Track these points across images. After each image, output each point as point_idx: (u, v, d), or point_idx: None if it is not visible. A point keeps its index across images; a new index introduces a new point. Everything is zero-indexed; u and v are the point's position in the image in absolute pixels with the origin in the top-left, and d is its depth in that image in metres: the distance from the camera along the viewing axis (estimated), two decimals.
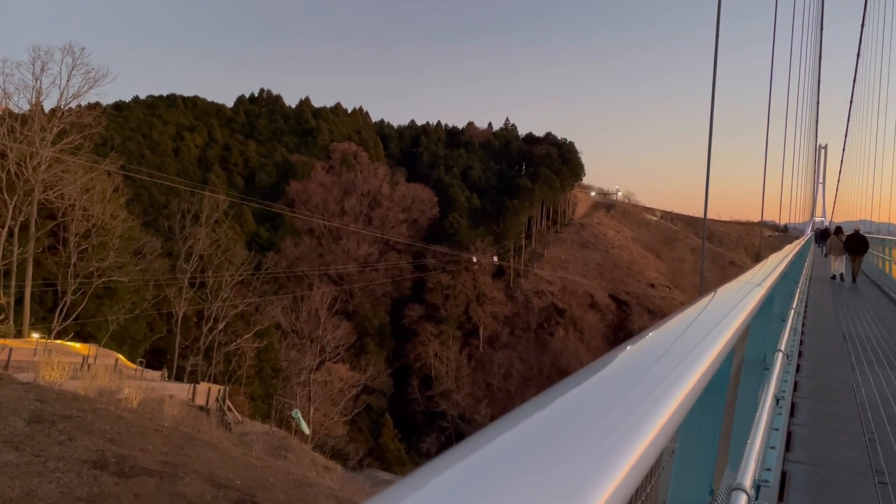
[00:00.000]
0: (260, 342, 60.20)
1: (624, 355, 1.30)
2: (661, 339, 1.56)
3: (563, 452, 0.71)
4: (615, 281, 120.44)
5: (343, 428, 62.65)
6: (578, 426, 0.82)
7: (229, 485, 16.94)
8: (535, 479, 0.62)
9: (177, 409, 26.14)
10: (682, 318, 1.93)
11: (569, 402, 0.91)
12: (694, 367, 1.35)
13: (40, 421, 17.04)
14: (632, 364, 1.27)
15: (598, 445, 0.76)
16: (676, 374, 1.24)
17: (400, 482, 0.59)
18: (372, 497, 0.57)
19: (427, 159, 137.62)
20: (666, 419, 0.98)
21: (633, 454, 0.78)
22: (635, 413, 0.93)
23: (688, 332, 1.71)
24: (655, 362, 1.28)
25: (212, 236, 59.99)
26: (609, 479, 0.68)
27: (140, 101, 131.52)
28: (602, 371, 1.13)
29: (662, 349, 1.44)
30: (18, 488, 13.90)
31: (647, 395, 1.03)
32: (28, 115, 48.96)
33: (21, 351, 29.64)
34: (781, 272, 5.82)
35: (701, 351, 1.50)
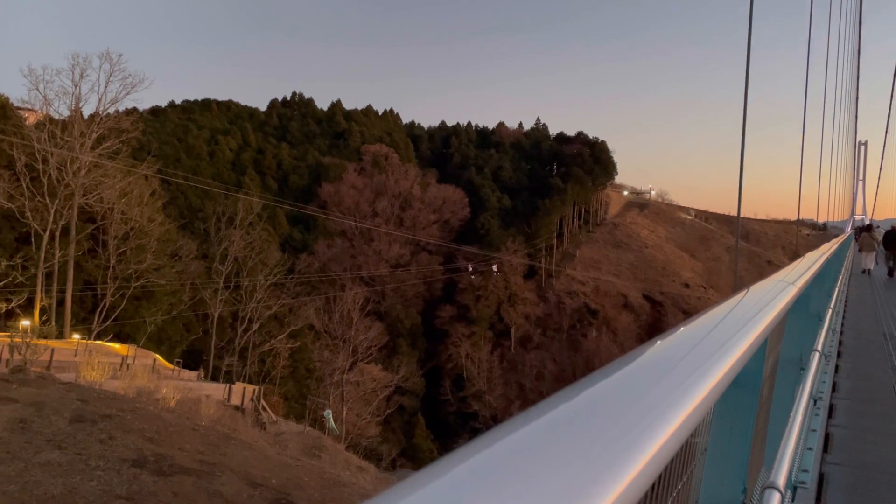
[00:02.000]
0: (293, 343, 60.84)
1: (652, 350, 1.32)
2: (690, 335, 1.56)
3: (583, 445, 0.72)
4: (649, 281, 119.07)
5: (376, 428, 62.99)
6: (601, 419, 0.83)
7: (265, 484, 17.16)
8: (550, 473, 0.63)
9: (213, 408, 26.56)
10: (712, 315, 1.93)
11: (594, 394, 0.93)
12: (720, 363, 1.35)
13: (82, 420, 17.46)
14: (659, 359, 1.28)
15: (617, 439, 0.77)
16: (703, 369, 1.24)
17: (421, 473, 0.61)
18: (404, 482, 0.59)
19: (458, 160, 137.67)
20: (687, 414, 0.98)
21: (651, 448, 0.79)
22: (658, 407, 0.93)
23: (717, 328, 1.71)
24: (683, 358, 1.29)
25: (246, 238, 60.81)
26: (624, 473, 0.69)
27: (176, 106, 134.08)
28: (629, 365, 1.14)
29: (690, 345, 1.44)
30: (61, 486, 14.27)
31: (672, 390, 1.04)
32: (68, 121, 50.16)
33: (62, 351, 30.41)
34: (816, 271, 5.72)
35: (728, 348, 1.50)
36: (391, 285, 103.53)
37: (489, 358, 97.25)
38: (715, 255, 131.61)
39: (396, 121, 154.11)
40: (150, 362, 36.25)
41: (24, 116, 53.27)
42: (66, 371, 24.37)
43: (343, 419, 54.61)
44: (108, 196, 48.55)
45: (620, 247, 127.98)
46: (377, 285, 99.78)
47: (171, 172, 75.95)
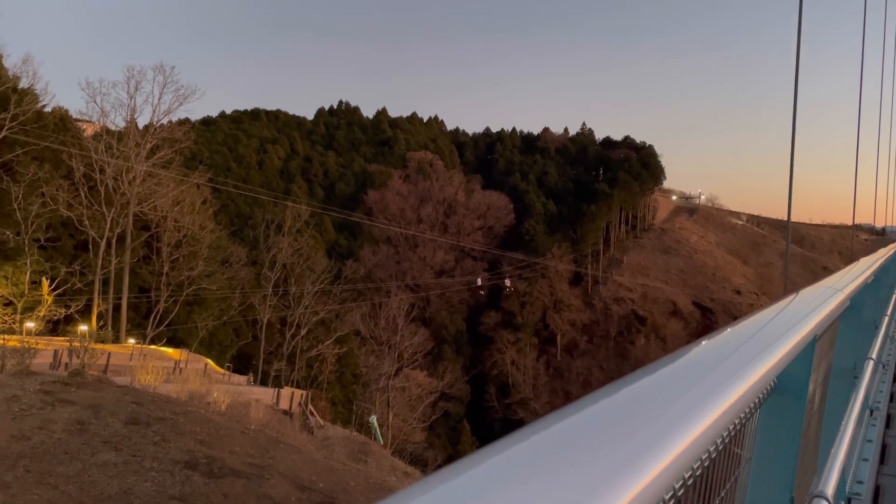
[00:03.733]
0: (340, 348, 61.47)
1: (695, 351, 1.32)
2: (733, 337, 1.56)
3: (615, 443, 0.73)
4: (699, 287, 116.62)
5: (421, 434, 63.11)
6: (636, 417, 0.83)
7: (313, 487, 17.37)
8: (579, 470, 0.64)
9: (262, 412, 27.01)
10: (757, 319, 1.92)
11: (633, 392, 0.94)
12: (758, 366, 1.33)
13: (137, 422, 17.98)
14: (701, 359, 1.28)
15: (649, 437, 0.77)
16: (742, 371, 1.22)
17: (446, 469, 0.61)
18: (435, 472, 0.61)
19: (502, 166, 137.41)
20: (721, 412, 0.98)
21: (682, 447, 0.79)
22: (695, 407, 0.93)
23: (761, 332, 1.69)
24: (724, 359, 1.29)
25: (294, 245, 61.76)
26: (653, 472, 0.69)
27: (226, 116, 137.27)
28: (670, 365, 1.15)
29: (733, 347, 1.43)
30: (117, 486, 14.71)
31: (710, 390, 1.04)
32: (124, 132, 51.82)
33: (118, 355, 31.36)
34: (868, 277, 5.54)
35: (769, 351, 1.49)
36: (436, 291, 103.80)
37: (535, 365, 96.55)
38: (767, 260, 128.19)
39: (441, 127, 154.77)
40: (201, 367, 37.07)
41: (82, 128, 55.23)
42: (121, 375, 25.10)
43: (389, 424, 54.90)
44: (161, 204, 49.92)
45: (669, 253, 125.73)
46: (422, 291, 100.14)
47: (222, 181, 77.73)
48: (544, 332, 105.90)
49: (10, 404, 17.19)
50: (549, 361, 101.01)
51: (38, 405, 17.61)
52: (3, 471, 14.14)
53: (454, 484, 0.57)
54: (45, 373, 21.22)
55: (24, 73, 46.41)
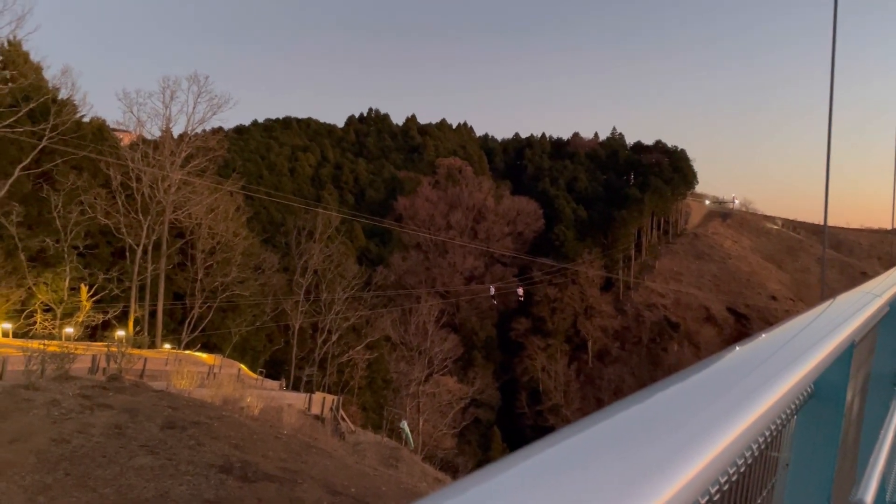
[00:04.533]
0: (371, 354, 61.76)
1: (730, 356, 1.32)
2: (769, 342, 1.55)
3: (646, 447, 0.73)
4: (733, 293, 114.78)
5: (452, 440, 63.06)
6: (669, 421, 0.83)
7: (344, 492, 17.46)
8: (606, 475, 0.64)
9: (294, 417, 27.26)
10: (793, 324, 1.91)
11: (665, 397, 0.94)
12: (794, 371, 1.32)
13: (173, 426, 18.28)
14: (735, 365, 1.29)
15: (681, 442, 0.77)
16: (777, 376, 1.22)
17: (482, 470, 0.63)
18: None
19: (532, 171, 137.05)
20: (755, 418, 0.98)
21: (714, 452, 0.78)
22: (728, 412, 0.93)
23: (797, 338, 1.68)
24: (759, 364, 1.29)
25: (325, 252, 62.29)
26: (683, 477, 0.69)
27: (258, 125, 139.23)
28: (704, 371, 1.15)
29: (768, 352, 1.43)
30: (153, 490, 14.96)
31: (745, 395, 1.04)
32: (159, 142, 52.83)
33: (154, 361, 31.91)
34: None
35: (804, 357, 1.48)
36: (466, 297, 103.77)
37: (566, 371, 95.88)
38: (804, 266, 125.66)
39: (470, 134, 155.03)
40: (235, 372, 37.54)
41: (119, 138, 56.45)
42: (157, 379, 25.55)
43: (419, 430, 54.95)
44: (196, 212, 50.74)
45: (702, 258, 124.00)
46: (452, 297, 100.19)
47: (255, 188, 78.80)
48: (575, 338, 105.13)
49: (51, 408, 17.61)
50: (580, 368, 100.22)
51: (77, 409, 18.01)
52: (44, 474, 14.49)
53: (485, 487, 0.58)
54: (84, 377, 21.69)
55: (64, 84, 47.61)
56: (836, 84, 8.96)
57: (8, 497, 13.25)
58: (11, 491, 13.48)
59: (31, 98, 42.76)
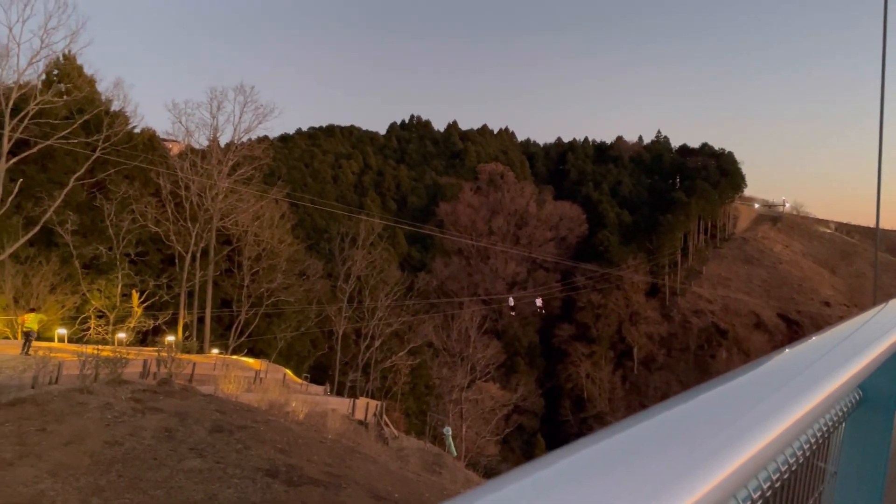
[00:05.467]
0: (413, 360, 61.89)
1: (777, 359, 1.28)
2: (813, 347, 1.48)
3: (685, 450, 0.73)
4: (784, 299, 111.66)
5: (495, 447, 62.72)
6: (709, 424, 0.83)
7: (388, 497, 17.44)
8: (643, 478, 0.64)
9: (338, 422, 27.40)
10: (842, 329, 1.82)
11: (708, 400, 0.94)
12: (837, 376, 1.28)
13: (220, 430, 18.53)
14: (779, 368, 1.26)
15: (721, 445, 0.77)
16: (820, 382, 1.23)
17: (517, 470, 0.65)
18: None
19: (574, 176, 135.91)
20: (791, 423, 0.97)
21: (748, 455, 0.78)
22: (770, 416, 0.93)
23: (845, 342, 1.59)
24: (805, 368, 1.26)
25: (368, 258, 62.74)
26: (713, 478, 0.68)
27: (302, 133, 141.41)
28: (748, 374, 1.16)
29: (813, 357, 1.40)
30: (202, 492, 15.16)
31: (787, 400, 1.04)
32: (207, 151, 54.01)
33: (202, 365, 32.48)
34: None
35: (850, 362, 1.38)
36: (508, 303, 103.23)
37: (611, 378, 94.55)
38: (858, 270, 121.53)
39: (512, 139, 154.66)
40: (280, 376, 37.98)
41: (168, 147, 57.92)
42: (205, 384, 25.96)
43: (462, 436, 54.78)
44: (242, 219, 51.67)
45: (751, 263, 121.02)
46: (494, 303, 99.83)
47: (299, 196, 79.89)
48: (620, 344, 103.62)
49: (104, 411, 18.03)
50: (625, 375, 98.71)
51: (129, 412, 18.41)
52: (98, 475, 14.81)
53: (520, 486, 0.59)
54: (135, 381, 22.18)
55: (116, 96, 49.08)
56: (888, 86, 8.58)
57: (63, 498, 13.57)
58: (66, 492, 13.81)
59: (84, 110, 44.18)
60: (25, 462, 14.36)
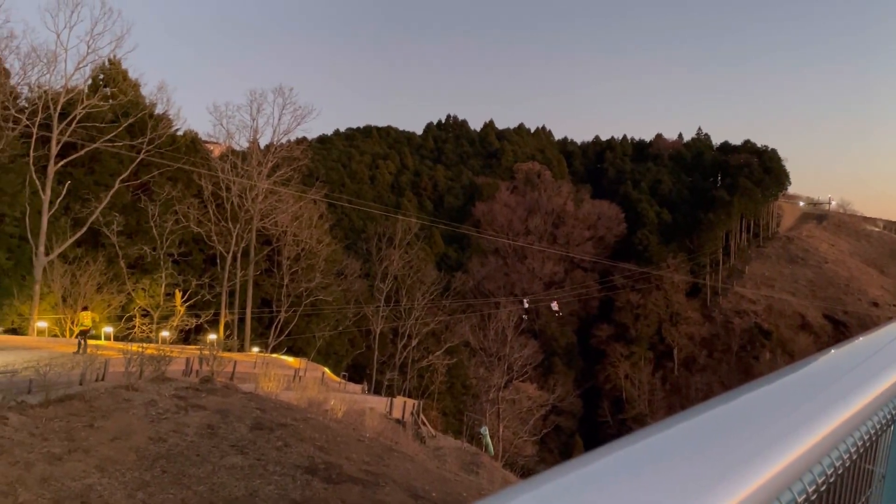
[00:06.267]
0: (450, 359, 61.94)
1: (822, 360, 1.26)
2: (859, 348, 1.39)
3: (722, 448, 0.73)
4: (830, 299, 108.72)
5: (533, 447, 62.37)
6: (754, 422, 0.83)
7: (426, 496, 17.47)
8: (681, 478, 0.65)
9: (376, 420, 27.55)
10: (887, 330, 1.73)
11: (750, 400, 0.93)
12: (883, 377, 1.23)
13: (261, 427, 18.80)
14: (823, 370, 1.25)
15: (761, 445, 0.76)
16: (866, 383, 1.21)
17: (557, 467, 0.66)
18: None
19: (613, 175, 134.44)
20: (840, 424, 0.96)
21: (791, 457, 0.77)
22: (813, 418, 0.92)
23: (892, 343, 1.52)
24: (849, 371, 1.25)
25: (405, 258, 62.97)
26: (754, 479, 0.68)
27: (340, 134, 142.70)
28: (792, 374, 1.16)
29: (860, 359, 1.33)
30: (243, 488, 15.40)
31: (831, 402, 1.03)
32: (247, 152, 54.83)
33: (243, 363, 32.96)
34: None
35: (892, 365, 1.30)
36: (545, 303, 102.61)
37: (650, 380, 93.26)
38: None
39: (549, 137, 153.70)
40: (319, 375, 38.33)
41: (210, 149, 58.96)
42: (246, 382, 26.33)
43: (499, 436, 54.62)
44: (281, 220, 52.32)
45: (796, 262, 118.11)
46: (531, 303, 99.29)
47: (337, 196, 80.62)
48: (660, 345, 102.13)
49: (149, 408, 18.44)
50: (665, 376, 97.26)
51: (172, 409, 18.79)
52: (143, 471, 15.15)
53: (555, 485, 0.60)
54: (178, 379, 22.63)
55: (159, 99, 50.19)
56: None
57: (110, 492, 13.91)
58: (113, 486, 14.16)
59: (129, 114, 45.26)
60: (74, 457, 14.76)
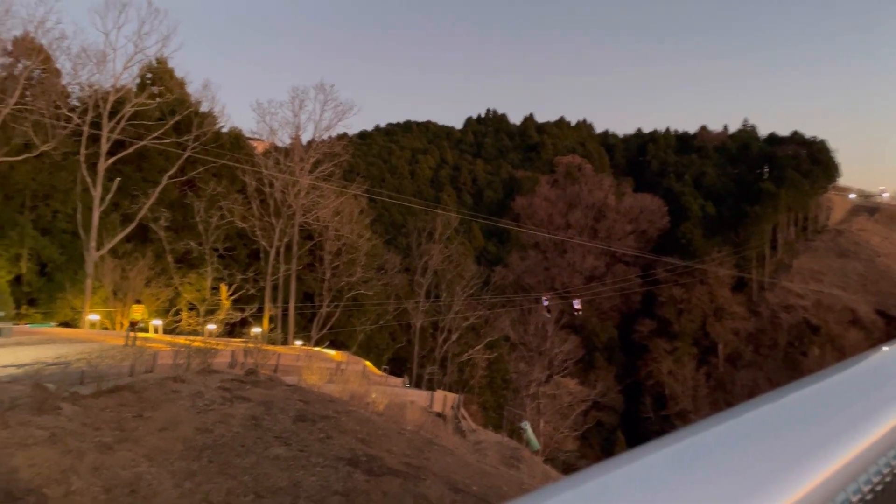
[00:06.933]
0: (490, 353, 61.91)
1: (872, 358, 1.23)
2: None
3: (767, 449, 0.71)
4: (883, 294, 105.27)
5: (574, 443, 62.00)
6: (799, 423, 0.81)
7: (466, 490, 17.51)
8: (732, 475, 0.64)
9: (417, 414, 27.73)
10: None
11: (799, 399, 0.90)
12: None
13: (304, 419, 19.07)
14: (875, 367, 1.21)
15: (810, 447, 0.74)
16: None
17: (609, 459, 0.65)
18: None
19: (655, 167, 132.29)
20: (893, 425, 0.92)
21: (841, 459, 0.75)
22: (866, 418, 0.89)
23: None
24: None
25: (444, 252, 63.10)
26: (801, 483, 0.66)
27: (380, 129, 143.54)
28: (842, 373, 1.13)
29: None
30: (287, 479, 15.65)
31: (886, 401, 0.99)
32: (289, 148, 55.57)
33: (287, 356, 33.44)
34: None
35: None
36: (586, 297, 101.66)
37: (694, 375, 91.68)
38: None
39: (589, 130, 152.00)
40: (360, 368, 38.68)
41: (253, 146, 59.91)
42: (289, 374, 26.69)
43: (540, 431, 54.43)
44: (323, 215, 52.92)
45: (846, 256, 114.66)
46: (571, 298, 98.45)
47: (377, 191, 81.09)
48: (704, 340, 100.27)
49: (196, 400, 18.87)
50: (709, 372, 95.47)
51: (218, 401, 19.19)
52: (190, 461, 15.52)
53: (598, 483, 0.58)
54: (224, 371, 23.10)
55: (204, 97, 51.18)
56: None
57: (159, 481, 14.29)
58: (161, 475, 14.54)
59: (176, 111, 46.28)
60: (124, 446, 15.20)
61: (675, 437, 0.69)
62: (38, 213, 42.21)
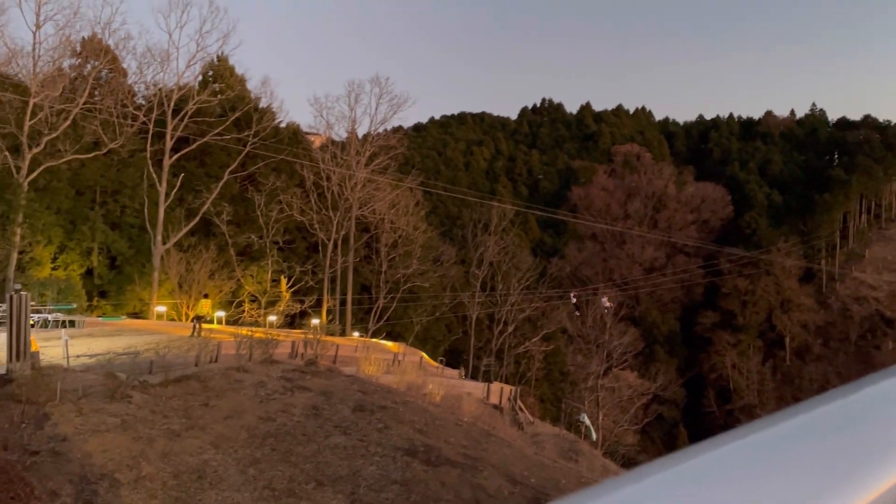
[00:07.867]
0: (547, 346, 61.41)
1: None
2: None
3: (837, 449, 0.69)
4: None
5: (634, 437, 61.01)
6: (876, 421, 0.78)
7: (524, 482, 17.41)
8: (792, 475, 0.62)
9: (473, 405, 27.73)
10: None
11: (872, 394, 0.87)
12: None
13: (362, 409, 19.29)
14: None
15: (885, 445, 0.71)
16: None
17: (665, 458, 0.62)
18: None
19: (718, 155, 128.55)
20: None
21: None
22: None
23: None
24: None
25: (500, 244, 62.76)
26: (876, 484, 0.63)
27: (435, 122, 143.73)
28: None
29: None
30: (347, 468, 15.86)
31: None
32: (346, 142, 56.22)
33: (345, 347, 33.91)
34: None
35: None
36: (645, 289, 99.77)
37: (760, 369, 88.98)
38: None
39: (648, 118, 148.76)
40: (417, 360, 38.90)
41: (311, 140, 60.85)
42: (348, 365, 27.07)
43: (598, 425, 53.76)
44: (379, 208, 53.41)
45: None
46: (630, 289, 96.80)
47: (432, 183, 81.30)
48: (770, 333, 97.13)
49: (258, 389, 19.31)
50: (776, 366, 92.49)
51: (280, 391, 19.60)
52: (254, 448, 15.89)
53: (661, 477, 0.57)
54: (284, 361, 23.57)
55: (263, 93, 52.22)
56: None
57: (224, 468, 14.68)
58: (227, 462, 14.93)
59: (236, 108, 47.40)
60: (191, 434, 15.66)
61: (741, 432, 0.67)
62: (108, 208, 43.93)
